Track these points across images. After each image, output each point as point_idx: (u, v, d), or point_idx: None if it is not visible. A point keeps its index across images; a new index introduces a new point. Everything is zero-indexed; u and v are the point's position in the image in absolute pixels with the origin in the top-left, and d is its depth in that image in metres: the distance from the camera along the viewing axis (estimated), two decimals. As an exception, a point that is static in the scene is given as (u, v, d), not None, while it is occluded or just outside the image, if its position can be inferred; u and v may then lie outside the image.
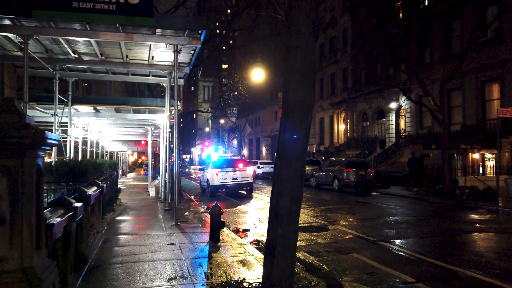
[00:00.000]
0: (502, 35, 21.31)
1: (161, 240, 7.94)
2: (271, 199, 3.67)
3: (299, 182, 3.52)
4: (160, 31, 9.99)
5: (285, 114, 3.51)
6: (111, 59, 12.36)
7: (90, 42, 10.59)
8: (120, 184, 23.25)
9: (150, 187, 18.28)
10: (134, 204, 14.19)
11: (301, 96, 3.44)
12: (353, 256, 7.01)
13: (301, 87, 3.43)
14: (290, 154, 3.47)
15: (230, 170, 17.77)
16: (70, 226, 4.76)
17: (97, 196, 7.73)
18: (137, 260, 6.35)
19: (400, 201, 16.28)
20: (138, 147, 31.35)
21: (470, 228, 10.22)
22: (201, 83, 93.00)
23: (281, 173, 3.51)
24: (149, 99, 16.50)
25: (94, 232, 7.71)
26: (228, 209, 13.69)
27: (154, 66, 12.87)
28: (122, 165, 40.80)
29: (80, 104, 14.78)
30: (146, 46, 11.06)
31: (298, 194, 3.53)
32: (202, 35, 10.20)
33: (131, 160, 57.30)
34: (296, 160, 3.47)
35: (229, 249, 7.21)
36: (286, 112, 3.51)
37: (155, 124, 18.43)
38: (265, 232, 9.79)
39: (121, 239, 8.09)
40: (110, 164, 13.87)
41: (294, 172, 3.48)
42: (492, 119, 22.01)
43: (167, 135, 12.93)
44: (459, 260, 6.85)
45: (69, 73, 13.55)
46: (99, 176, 9.90)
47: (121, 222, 10.21)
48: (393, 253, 7.38)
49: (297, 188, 3.51)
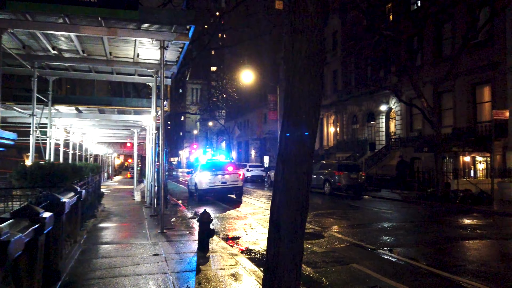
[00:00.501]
0: (493, 38, 21.20)
1: (145, 250, 7.32)
2: (272, 210, 3.12)
3: (305, 190, 2.99)
4: (145, 26, 9.37)
5: (289, 109, 2.98)
6: (94, 57, 11.68)
7: (70, 38, 9.92)
8: (104, 188, 22.43)
9: (136, 191, 17.54)
10: (118, 209, 13.49)
11: (308, 88, 2.92)
12: (353, 267, 6.49)
13: (307, 77, 2.91)
14: (294, 156, 2.93)
15: (219, 173, 17.16)
16: (37, 240, 4.13)
17: (75, 202, 7.09)
18: (117, 274, 5.73)
19: (393, 205, 15.89)
20: (124, 149, 30.49)
21: (472, 234, 9.81)
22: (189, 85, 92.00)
23: (283, 179, 2.96)
24: (134, 100, 15.81)
25: (71, 242, 7.05)
26: (217, 214, 13.09)
27: (140, 64, 12.22)
28: (108, 168, 39.81)
29: (61, 104, 14.03)
30: (131, 43, 10.43)
31: (304, 203, 3.00)
32: (190, 30, 9.61)
33: (117, 163, 56.13)
34: (301, 164, 2.94)
35: (219, 260, 6.63)
36: (289, 107, 2.97)
37: (141, 126, 17.73)
38: (257, 239, 9.26)
39: (101, 249, 7.44)
40: (92, 167, 13.16)
41: (299, 177, 2.94)
42: (483, 122, 21.89)
43: (153, 137, 12.30)
44: (468, 271, 6.40)
45: (49, 71, 12.80)
46: (79, 180, 9.22)
47: (103, 230, 9.54)
48: (396, 264, 6.89)
49: (303, 197, 2.97)
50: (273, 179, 26.86)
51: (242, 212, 13.81)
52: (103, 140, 27.91)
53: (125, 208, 13.79)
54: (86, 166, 12.25)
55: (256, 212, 13.69)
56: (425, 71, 25.69)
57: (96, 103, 14.61)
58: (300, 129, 2.90)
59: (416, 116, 27.27)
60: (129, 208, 13.99)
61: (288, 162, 2.94)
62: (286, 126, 2.99)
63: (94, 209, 11.61)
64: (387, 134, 30.93)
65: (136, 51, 11.11)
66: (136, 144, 20.63)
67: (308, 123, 2.93)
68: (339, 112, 36.34)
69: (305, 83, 2.91)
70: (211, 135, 72.15)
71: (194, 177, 18.09)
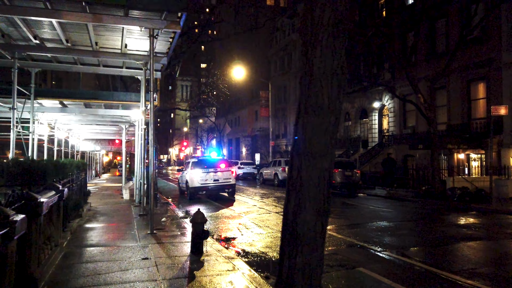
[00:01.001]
0: (488, 34, 20.96)
1: (133, 253, 6.75)
2: (286, 213, 2.58)
3: (326, 189, 2.46)
4: (134, 13, 8.77)
5: (307, 90, 2.44)
6: (79, 47, 11.01)
7: (53, 25, 9.25)
8: (92, 186, 21.68)
9: (124, 189, 16.87)
10: (106, 208, 12.85)
11: (331, 64, 2.40)
12: (360, 272, 6.01)
13: (330, 52, 2.40)
14: (314, 148, 2.39)
15: (211, 170, 16.57)
16: (6, 247, 3.56)
17: (56, 202, 6.48)
18: (102, 282, 5.16)
19: (390, 203, 15.51)
20: (112, 146, 29.65)
21: (478, 234, 9.41)
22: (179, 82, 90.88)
23: (300, 176, 2.44)
24: (122, 93, 15.12)
25: (51, 246, 6.44)
26: (210, 213, 12.54)
27: (128, 56, 11.58)
28: (96, 166, 38.87)
29: (44, 97, 13.28)
30: (118, 31, 9.80)
31: (325, 206, 2.47)
32: (182, 18, 9.04)
33: (106, 161, 55.07)
34: (322, 157, 2.41)
35: (215, 264, 6.09)
36: (308, 87, 2.43)
37: (129, 121, 17.04)
38: (253, 240, 8.74)
39: (86, 253, 6.85)
40: (78, 164, 12.46)
41: (320, 174, 2.41)
42: (477, 119, 21.67)
43: (143, 132, 11.67)
44: (484, 275, 5.98)
45: (31, 62, 12.07)
46: (62, 178, 8.58)
47: (88, 231, 8.93)
48: (404, 267, 6.43)
49: (324, 198, 2.45)
50: (265, 177, 26.29)
51: (235, 211, 13.28)
52: (90, 137, 27.08)
53: (113, 207, 13.15)
54: (71, 163, 11.57)
55: (250, 211, 13.18)
56: (419, 67, 25.39)
57: (81, 96, 13.90)
58: (322, 114, 2.38)
59: (409, 113, 27.01)
60: (117, 207, 13.35)
61: (306, 156, 2.40)
62: (303, 111, 2.45)
63: (79, 208, 10.96)
64: (380, 131, 30.65)
65: (124, 41, 10.48)
66: (125, 140, 19.91)
67: (331, 106, 2.42)
68: (331, 109, 35.97)
69: (328, 58, 2.39)
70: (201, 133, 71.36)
71: (185, 175, 17.48)
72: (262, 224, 10.56)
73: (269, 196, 17.85)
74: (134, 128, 17.64)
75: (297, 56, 40.77)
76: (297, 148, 2.50)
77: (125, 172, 19.89)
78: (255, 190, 21.94)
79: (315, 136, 2.40)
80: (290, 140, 43.30)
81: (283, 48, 43.01)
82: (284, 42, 42.45)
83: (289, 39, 41.62)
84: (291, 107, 42.29)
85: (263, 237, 8.94)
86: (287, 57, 42.69)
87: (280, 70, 43.61)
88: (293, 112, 41.87)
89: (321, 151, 2.40)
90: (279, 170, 24.89)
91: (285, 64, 43.10)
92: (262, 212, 12.85)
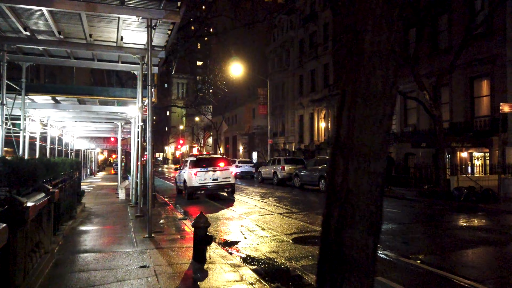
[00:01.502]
0: (493, 29, 20.53)
1: (131, 260, 6.22)
2: (326, 230, 2.01)
3: (379, 199, 1.94)
4: (130, 2, 8.20)
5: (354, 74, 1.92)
6: (72, 39, 10.43)
7: (44, 16, 8.66)
8: (86, 185, 21.09)
9: (120, 188, 16.30)
10: (101, 209, 12.30)
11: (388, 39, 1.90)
12: (381, 282, 5.49)
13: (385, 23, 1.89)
14: (364, 147, 1.87)
15: (210, 169, 16.02)
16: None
17: (45, 205, 5.94)
18: (96, 296, 4.64)
19: (394, 203, 15.05)
20: (107, 144, 28.99)
21: (495, 238, 8.97)
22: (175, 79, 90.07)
23: (346, 182, 1.91)
24: (118, 89, 14.55)
25: (40, 254, 5.89)
26: (210, 214, 12.00)
27: (124, 49, 11.02)
28: (91, 164, 38.21)
29: (36, 93, 12.70)
30: (114, 22, 9.23)
31: (378, 221, 1.96)
32: (181, 8, 8.49)
33: (101, 159, 54.32)
34: (376, 159, 1.88)
35: (220, 273, 5.58)
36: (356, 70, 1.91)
37: (125, 118, 16.45)
38: (258, 245, 8.21)
39: (78, 260, 6.31)
40: (71, 163, 11.88)
41: (373, 179, 1.88)
42: (481, 117, 21.26)
43: (139, 129, 11.11)
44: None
45: (22, 56, 11.47)
46: (54, 178, 8.02)
47: (82, 234, 8.38)
48: (428, 276, 5.92)
49: (377, 210, 1.94)
50: (264, 176, 25.71)
51: (236, 211, 12.76)
52: (85, 134, 26.42)
53: (108, 208, 12.60)
54: (64, 161, 10.99)
55: (252, 211, 12.66)
56: (420, 64, 24.92)
57: (75, 92, 13.30)
58: (375, 104, 1.86)
59: (410, 111, 26.60)
60: (112, 207, 12.80)
61: (354, 156, 1.87)
62: (349, 101, 1.92)
63: (72, 210, 10.40)
64: (380, 129, 30.22)
65: (120, 33, 9.91)
66: (120, 138, 19.32)
67: (387, 93, 1.91)
68: (330, 106, 35.47)
69: (384, 31, 1.88)
70: (197, 131, 70.74)
71: (183, 174, 16.93)
72: (266, 226, 10.05)
73: (269, 196, 17.34)
74: (130, 126, 17.06)
75: (295, 53, 40.24)
76: (340, 146, 1.97)
77: (121, 170, 19.32)
78: (255, 189, 21.43)
79: (366, 132, 1.87)
80: (288, 138, 42.71)
81: (281, 45, 42.46)
82: (282, 39, 41.88)
83: (287, 36, 41.06)
84: (289, 104, 41.76)
85: (268, 240, 8.44)
86: (285, 54, 42.14)
87: (278, 67, 43.06)
88: (290, 109, 41.32)
89: (374, 151, 1.88)
90: (278, 169, 24.39)
91: (283, 61, 42.55)
92: (264, 213, 12.34)
